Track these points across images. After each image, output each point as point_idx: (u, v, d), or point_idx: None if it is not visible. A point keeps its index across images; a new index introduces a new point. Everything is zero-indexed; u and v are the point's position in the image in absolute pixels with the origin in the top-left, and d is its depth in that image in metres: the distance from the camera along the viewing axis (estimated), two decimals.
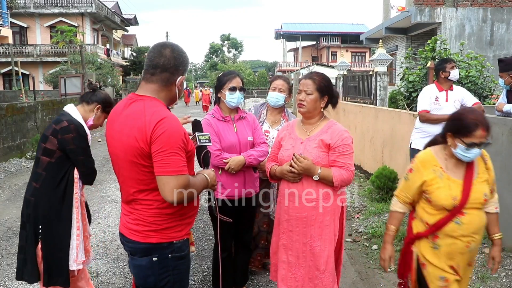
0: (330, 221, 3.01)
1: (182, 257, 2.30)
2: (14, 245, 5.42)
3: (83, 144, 3.08)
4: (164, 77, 2.23)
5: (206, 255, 4.98)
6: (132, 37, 51.41)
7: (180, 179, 2.09)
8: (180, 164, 2.10)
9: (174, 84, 2.27)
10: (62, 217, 3.10)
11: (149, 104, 2.17)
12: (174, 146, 2.08)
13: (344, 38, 56.44)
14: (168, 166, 2.07)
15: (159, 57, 2.21)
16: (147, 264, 2.24)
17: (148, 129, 2.08)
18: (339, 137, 2.97)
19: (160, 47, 2.25)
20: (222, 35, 73.53)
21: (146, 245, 2.22)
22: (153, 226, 2.21)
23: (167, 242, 2.24)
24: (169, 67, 2.22)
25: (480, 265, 4.45)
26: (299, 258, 3.04)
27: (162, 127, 2.07)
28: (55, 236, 3.10)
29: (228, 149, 3.58)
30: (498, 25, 15.40)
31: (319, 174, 2.90)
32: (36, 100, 14.75)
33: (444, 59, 5.49)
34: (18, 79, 21.74)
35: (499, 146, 4.80)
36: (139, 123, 2.11)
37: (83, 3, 34.27)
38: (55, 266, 3.10)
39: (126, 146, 2.15)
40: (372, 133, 8.45)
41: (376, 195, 6.76)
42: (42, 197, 3.11)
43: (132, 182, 2.21)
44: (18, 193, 8.03)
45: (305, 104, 3.03)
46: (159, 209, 2.20)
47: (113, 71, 31.26)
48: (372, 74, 12.18)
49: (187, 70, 2.33)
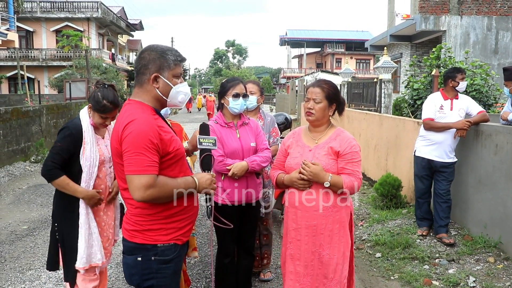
0: (340, 229, 2.98)
1: (166, 261, 2.32)
2: (18, 249, 5.43)
3: (61, 141, 3.15)
4: (138, 79, 2.34)
5: (209, 261, 4.96)
6: (137, 42, 51.59)
7: (143, 178, 2.12)
8: (145, 163, 2.13)
9: (149, 83, 2.30)
10: (69, 216, 3.20)
11: (129, 107, 2.27)
12: (139, 146, 2.13)
13: (348, 45, 56.48)
14: (131, 166, 2.13)
15: (136, 62, 2.35)
16: (132, 262, 2.31)
17: (120, 130, 2.19)
18: (348, 145, 2.96)
19: (140, 53, 2.37)
20: (227, 41, 73.94)
21: (131, 244, 2.31)
22: (136, 226, 2.29)
23: (151, 244, 2.28)
24: (140, 68, 2.31)
25: (484, 274, 4.42)
26: (307, 267, 3.00)
27: (129, 129, 2.16)
28: (65, 233, 3.22)
29: (231, 155, 3.58)
30: (503, 34, 15.38)
31: (329, 181, 2.87)
32: (41, 104, 14.80)
33: (456, 68, 5.44)
34: (23, 83, 21.82)
35: (504, 154, 4.78)
36: (116, 126, 2.24)
37: (89, 8, 34.46)
38: (71, 263, 3.20)
39: (112, 147, 2.31)
40: (376, 141, 8.43)
41: (380, 203, 6.74)
42: (56, 197, 3.29)
43: (120, 181, 2.32)
44: (22, 196, 8.05)
45: (314, 113, 3.01)
46: (141, 209, 2.27)
47: (118, 75, 31.36)
48: (376, 81, 12.17)
49: (166, 67, 2.31)
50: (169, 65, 2.31)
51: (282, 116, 5.88)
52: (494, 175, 4.94)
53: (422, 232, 5.44)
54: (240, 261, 3.90)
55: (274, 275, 4.60)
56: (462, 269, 4.59)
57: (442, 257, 4.88)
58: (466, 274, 4.43)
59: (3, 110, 10.65)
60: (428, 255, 4.91)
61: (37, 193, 8.31)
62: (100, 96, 3.14)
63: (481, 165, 5.18)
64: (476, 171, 5.27)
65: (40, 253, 5.28)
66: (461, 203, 5.55)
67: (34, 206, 7.44)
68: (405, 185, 6.68)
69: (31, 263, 4.97)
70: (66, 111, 14.73)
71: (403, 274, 4.54)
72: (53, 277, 4.58)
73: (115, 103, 3.17)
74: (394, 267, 4.74)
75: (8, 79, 31.73)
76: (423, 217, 5.53)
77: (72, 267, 3.19)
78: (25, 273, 4.71)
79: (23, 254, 5.26)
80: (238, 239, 3.79)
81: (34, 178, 9.72)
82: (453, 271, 4.55)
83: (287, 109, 26.98)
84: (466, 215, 5.49)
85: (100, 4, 34.54)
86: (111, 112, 3.17)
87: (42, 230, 6.13)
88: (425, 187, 5.43)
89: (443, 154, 5.19)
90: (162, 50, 2.32)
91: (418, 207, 5.57)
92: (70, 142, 3.14)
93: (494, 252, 4.81)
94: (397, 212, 6.36)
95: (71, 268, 3.20)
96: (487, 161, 5.06)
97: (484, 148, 5.13)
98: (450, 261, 4.77)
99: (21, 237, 5.85)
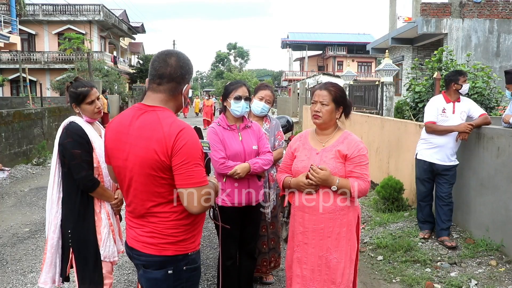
0: (347, 232, 2.97)
1: (195, 269, 2.29)
2: (19, 251, 5.43)
3: (75, 149, 3.07)
4: (171, 86, 2.19)
5: (210, 264, 4.97)
6: (139, 45, 51.73)
7: (204, 190, 2.09)
8: (203, 175, 2.10)
9: (181, 93, 2.24)
10: (84, 220, 3.15)
11: (163, 115, 2.13)
12: (196, 157, 2.07)
13: (350, 48, 56.50)
14: (193, 178, 2.05)
15: (165, 67, 2.17)
16: (162, 277, 2.19)
17: (168, 141, 2.04)
18: (356, 148, 2.95)
19: (165, 56, 2.20)
20: (228, 43, 73.83)
21: (162, 258, 2.18)
22: (170, 238, 2.17)
23: (183, 254, 2.21)
24: (176, 77, 2.18)
25: (486, 277, 4.41)
26: (314, 272, 2.98)
27: (183, 139, 2.04)
28: (82, 239, 3.15)
29: (233, 157, 3.59)
30: (505, 36, 15.40)
31: (337, 184, 2.86)
32: (43, 107, 14.82)
33: (458, 71, 5.42)
34: (25, 86, 21.86)
35: (505, 157, 4.78)
36: (157, 135, 2.06)
37: (91, 11, 34.62)
38: (87, 269, 3.16)
39: (143, 158, 2.09)
40: (378, 143, 8.43)
41: (381, 206, 6.74)
42: (66, 205, 3.16)
43: (148, 195, 2.15)
44: (23, 199, 8.06)
45: (321, 116, 2.99)
46: (177, 221, 2.17)
47: (120, 78, 31.46)
48: (378, 84, 12.18)
49: (192, 78, 2.32)
50: (191, 79, 2.31)
51: (284, 119, 5.87)
52: (496, 178, 4.93)
53: (424, 235, 5.43)
54: (242, 264, 3.89)
55: (275, 278, 4.59)
56: (464, 272, 4.58)
57: (444, 260, 4.87)
58: (468, 277, 4.42)
59: (5, 113, 10.68)
60: (430, 258, 4.90)
61: (38, 195, 8.32)
62: (73, 90, 3.17)
63: (483, 168, 5.18)
64: (478, 174, 5.26)
65: (42, 255, 5.28)
66: (463, 206, 5.54)
67: (36, 208, 7.44)
68: (406, 188, 6.67)
69: (33, 266, 4.98)
70: (68, 114, 14.70)
71: (405, 277, 4.53)
72: None
73: (88, 84, 3.21)
74: (396, 270, 4.74)
75: (11, 81, 31.83)
76: (425, 220, 5.52)
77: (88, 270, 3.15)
78: (26, 276, 4.72)
79: (24, 256, 5.27)
80: (240, 242, 3.79)
81: (36, 181, 9.73)
82: (455, 274, 4.54)
83: (289, 112, 26.96)
84: (468, 218, 5.48)
85: (102, 7, 34.69)
86: (90, 94, 3.17)
87: (44, 233, 6.12)
88: (426, 190, 5.43)
89: (444, 157, 5.18)
90: (191, 62, 2.28)
91: (420, 210, 5.56)
92: (83, 145, 3.08)
93: (496, 255, 4.80)
94: (398, 215, 6.35)
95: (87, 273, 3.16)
96: (489, 164, 5.06)
97: (486, 151, 5.12)
98: (452, 264, 4.76)
99: (22, 240, 5.86)
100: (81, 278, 3.18)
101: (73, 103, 3.20)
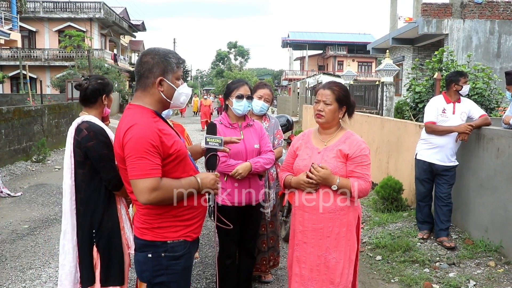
0: (347, 233, 2.96)
1: (176, 258, 2.36)
2: (18, 248, 5.43)
3: (103, 150, 3.05)
4: (141, 82, 2.35)
5: (209, 262, 4.97)
6: (139, 43, 51.65)
7: (147, 181, 2.16)
8: (148, 167, 2.16)
9: (153, 87, 2.32)
10: (109, 218, 3.11)
11: (130, 112, 2.30)
12: (141, 150, 2.16)
13: (350, 47, 56.48)
14: (134, 170, 2.17)
15: (138, 66, 2.35)
16: (143, 259, 2.37)
17: (121, 136, 2.23)
18: (358, 148, 2.94)
19: (141, 56, 2.37)
20: (229, 42, 73.75)
21: (142, 241, 2.37)
22: (145, 224, 2.35)
23: (160, 241, 2.33)
24: (144, 72, 2.32)
25: (485, 278, 4.42)
26: (313, 271, 2.97)
27: (129, 134, 2.19)
28: (107, 237, 3.12)
29: (234, 156, 3.58)
30: (506, 37, 15.39)
31: (337, 184, 2.86)
32: (43, 104, 14.83)
33: (459, 72, 5.42)
34: (25, 83, 21.90)
35: (505, 158, 4.78)
36: (118, 132, 2.28)
37: (92, 9, 34.55)
38: (112, 266, 3.13)
39: (115, 153, 2.35)
40: (378, 143, 8.43)
41: (380, 205, 6.74)
42: (88, 205, 3.12)
43: (127, 185, 2.37)
44: (23, 196, 8.06)
45: (324, 115, 2.99)
46: (148, 209, 2.32)
47: (120, 76, 31.40)
48: (378, 84, 12.18)
49: (170, 70, 2.34)
50: (172, 68, 2.35)
51: (284, 118, 5.88)
52: (496, 179, 4.94)
53: (422, 235, 5.44)
54: (241, 263, 3.90)
55: (274, 277, 4.60)
56: (463, 272, 4.58)
57: (442, 260, 4.88)
58: (467, 278, 4.42)
59: (5, 110, 10.68)
60: (429, 259, 4.90)
61: (38, 192, 8.32)
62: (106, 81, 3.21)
63: (482, 169, 5.18)
64: (478, 174, 5.26)
65: (41, 252, 5.29)
66: (462, 206, 5.55)
67: (35, 205, 7.45)
68: (406, 188, 6.68)
69: (32, 262, 4.98)
70: (68, 111, 14.75)
71: (404, 277, 4.54)
72: (53, 276, 4.58)
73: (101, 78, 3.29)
74: (395, 270, 4.74)
75: (11, 78, 31.83)
76: (424, 220, 5.52)
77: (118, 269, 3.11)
78: (25, 272, 4.72)
79: (23, 253, 5.27)
80: (239, 241, 3.79)
81: (35, 178, 9.73)
82: (454, 274, 4.55)
83: (289, 111, 26.96)
84: (467, 218, 5.49)
85: (102, 4, 34.63)
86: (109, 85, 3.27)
87: (43, 230, 6.13)
88: (426, 190, 5.43)
89: (444, 157, 5.19)
90: (164, 53, 2.35)
91: (419, 210, 5.57)
92: (109, 145, 3.05)
93: (495, 256, 4.81)
94: (398, 215, 6.36)
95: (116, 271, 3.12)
96: (489, 164, 5.06)
97: (485, 151, 5.13)
98: (450, 265, 4.77)
99: (22, 236, 5.86)
100: (104, 279, 3.13)
101: (104, 94, 3.21)
